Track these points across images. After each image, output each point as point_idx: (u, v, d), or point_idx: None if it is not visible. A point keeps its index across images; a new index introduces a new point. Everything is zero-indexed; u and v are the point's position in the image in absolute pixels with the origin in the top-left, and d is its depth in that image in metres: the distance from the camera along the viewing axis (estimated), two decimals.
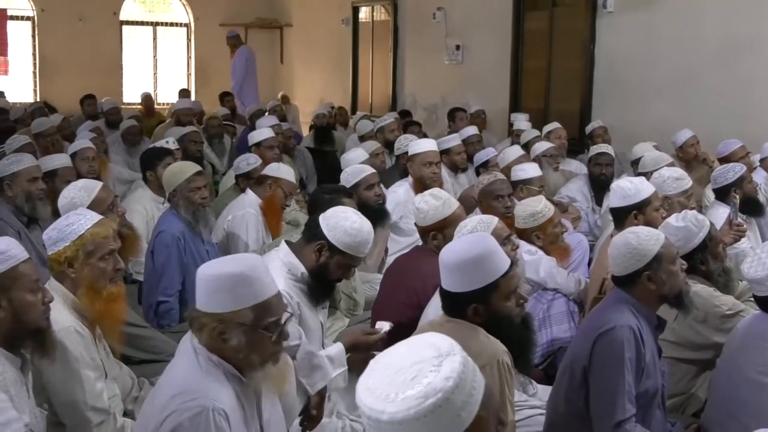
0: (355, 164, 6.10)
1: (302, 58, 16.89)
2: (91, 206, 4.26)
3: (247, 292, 2.57)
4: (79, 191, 4.57)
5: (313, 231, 3.70)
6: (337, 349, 3.64)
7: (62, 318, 3.24)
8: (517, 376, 3.32)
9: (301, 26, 17.02)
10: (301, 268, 3.66)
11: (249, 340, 2.58)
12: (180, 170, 5.36)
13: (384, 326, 3.74)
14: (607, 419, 3.21)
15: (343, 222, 3.65)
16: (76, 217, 3.47)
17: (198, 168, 5.48)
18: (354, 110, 14.44)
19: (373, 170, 5.91)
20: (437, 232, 4.36)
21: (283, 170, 6.11)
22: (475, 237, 3.15)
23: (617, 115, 9.29)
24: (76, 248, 3.39)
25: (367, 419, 1.65)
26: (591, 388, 3.28)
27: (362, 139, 9.45)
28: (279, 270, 3.64)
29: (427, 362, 1.66)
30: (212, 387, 2.56)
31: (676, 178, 5.46)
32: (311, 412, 3.37)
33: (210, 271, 2.61)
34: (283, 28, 17.73)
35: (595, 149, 7.42)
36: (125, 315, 3.69)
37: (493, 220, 4.05)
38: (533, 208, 5.11)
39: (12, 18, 16.61)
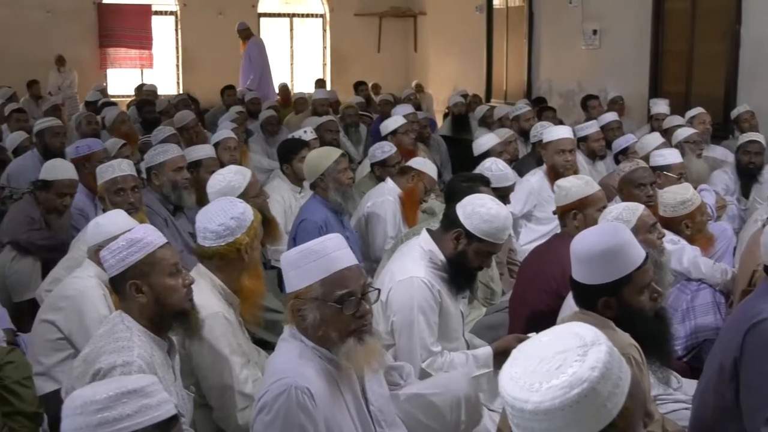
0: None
1: (436, 46, 16.87)
2: (246, 189, 4.47)
3: (314, 266, 2.63)
4: (234, 175, 4.73)
5: (450, 219, 3.69)
6: (485, 351, 3.65)
7: (211, 303, 3.34)
8: (660, 369, 3.22)
9: (434, 14, 17.00)
10: (441, 256, 3.66)
11: (323, 315, 2.62)
12: (326, 154, 5.49)
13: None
14: (759, 412, 3.07)
15: (479, 209, 3.63)
16: (242, 205, 3.61)
17: (341, 150, 5.61)
18: (488, 98, 14.33)
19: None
20: (578, 211, 4.30)
21: (428, 166, 6.12)
22: (609, 227, 3.04)
23: (766, 98, 8.88)
24: (251, 234, 3.56)
25: (511, 409, 1.64)
26: (742, 380, 3.15)
27: (481, 123, 9.49)
28: (420, 257, 3.66)
29: (571, 352, 1.64)
30: (301, 367, 2.61)
31: None
32: None
33: (288, 252, 2.71)
34: (417, 16, 17.75)
35: (745, 137, 7.09)
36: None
37: (639, 208, 3.95)
38: (683, 195, 4.93)
39: (156, 13, 17.24)
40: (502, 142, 7.20)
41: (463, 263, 3.68)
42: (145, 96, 12.12)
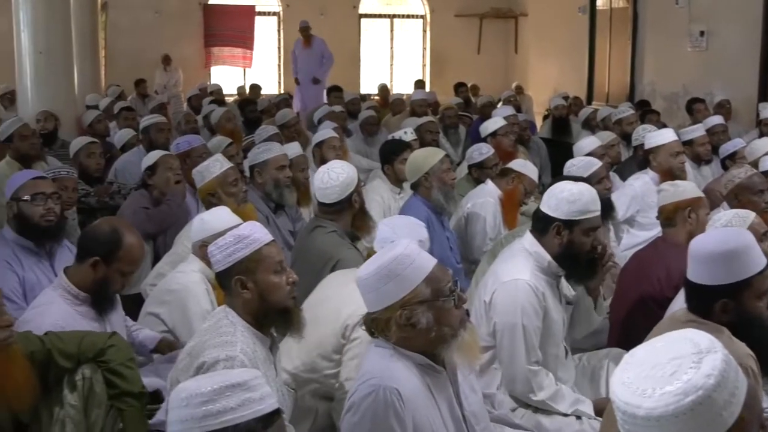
0: (584, 156, 5.96)
1: (537, 48, 16.72)
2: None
3: (413, 270, 2.59)
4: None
5: (542, 219, 3.67)
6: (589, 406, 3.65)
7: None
8: None
9: (536, 15, 16.85)
10: (547, 257, 3.62)
11: (436, 314, 2.59)
12: (430, 154, 5.51)
13: None
14: None
15: (561, 195, 3.61)
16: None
17: (444, 152, 5.62)
18: (589, 100, 14.12)
19: (601, 163, 5.75)
20: (692, 210, 4.26)
21: (529, 168, 6.07)
22: (732, 230, 2.99)
23: None
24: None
25: (622, 414, 1.61)
26: None
27: (584, 125, 9.35)
28: (525, 259, 3.63)
29: (686, 358, 1.60)
30: (390, 369, 2.58)
31: None
32: None
33: (370, 269, 2.63)
34: (518, 17, 17.63)
35: None
36: None
37: (750, 215, 3.83)
38: None
39: (260, 14, 17.54)
40: (604, 145, 7.07)
41: (576, 252, 3.62)
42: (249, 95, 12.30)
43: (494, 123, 7.85)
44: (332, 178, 4.53)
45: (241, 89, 15.64)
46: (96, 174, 6.63)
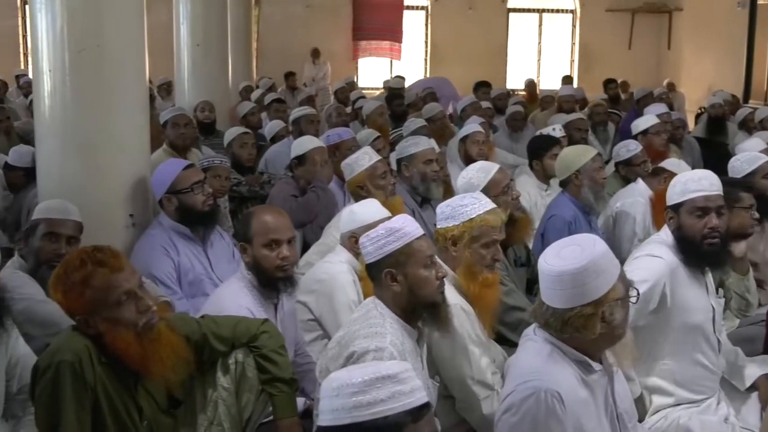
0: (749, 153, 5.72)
1: (691, 44, 16.20)
2: (487, 187, 4.41)
3: (611, 268, 2.58)
4: (477, 172, 4.68)
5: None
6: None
7: (449, 296, 3.35)
8: None
9: (692, 10, 16.33)
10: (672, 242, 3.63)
11: (625, 312, 2.58)
12: (582, 152, 5.41)
13: None
14: None
15: (674, 182, 3.64)
16: (472, 200, 3.59)
17: (596, 150, 5.54)
18: (746, 99, 13.59)
19: (767, 158, 5.49)
20: None
21: (682, 168, 5.85)
22: None
23: None
24: (464, 230, 3.51)
25: None
26: None
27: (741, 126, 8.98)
28: (660, 244, 3.64)
29: None
30: (551, 370, 2.54)
31: None
32: None
33: (575, 264, 2.56)
34: (672, 12, 17.12)
35: None
36: (497, 301, 3.70)
37: None
38: None
39: (408, 8, 17.64)
40: None
41: (686, 236, 3.57)
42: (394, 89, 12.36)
43: (646, 121, 7.62)
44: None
45: (387, 83, 15.77)
46: (248, 164, 6.81)
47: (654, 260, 3.55)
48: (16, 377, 3.24)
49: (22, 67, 16.39)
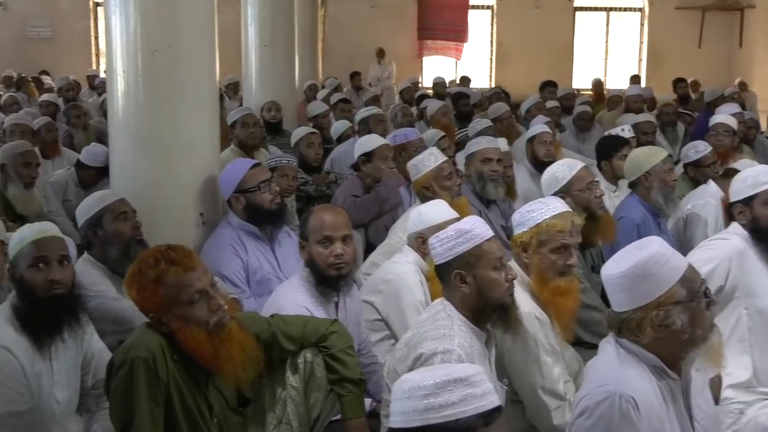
0: None
1: (764, 42, 15.86)
2: (571, 181, 4.43)
3: (668, 269, 2.50)
4: (562, 167, 4.66)
5: (730, 208, 3.83)
6: None
7: (523, 303, 3.31)
8: None
9: (765, 7, 16.00)
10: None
11: (691, 316, 2.49)
12: (653, 153, 5.34)
13: None
14: None
15: (734, 181, 3.75)
16: (540, 205, 3.55)
17: (667, 151, 5.50)
18: None
19: None
20: None
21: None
22: None
23: None
24: (531, 235, 3.46)
25: None
26: None
27: None
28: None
29: None
30: (626, 375, 2.49)
31: None
32: None
33: (622, 267, 2.53)
34: (744, 9, 16.79)
35: None
36: (574, 309, 3.59)
37: None
38: None
39: (473, 7, 17.59)
40: None
41: (760, 227, 3.67)
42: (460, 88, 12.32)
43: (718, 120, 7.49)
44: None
45: (452, 83, 15.74)
46: (314, 163, 6.85)
47: (720, 241, 3.73)
48: (91, 372, 3.33)
49: (94, 67, 16.75)
